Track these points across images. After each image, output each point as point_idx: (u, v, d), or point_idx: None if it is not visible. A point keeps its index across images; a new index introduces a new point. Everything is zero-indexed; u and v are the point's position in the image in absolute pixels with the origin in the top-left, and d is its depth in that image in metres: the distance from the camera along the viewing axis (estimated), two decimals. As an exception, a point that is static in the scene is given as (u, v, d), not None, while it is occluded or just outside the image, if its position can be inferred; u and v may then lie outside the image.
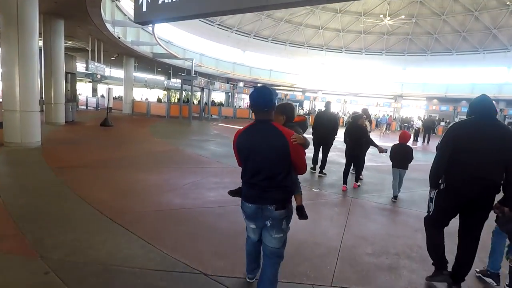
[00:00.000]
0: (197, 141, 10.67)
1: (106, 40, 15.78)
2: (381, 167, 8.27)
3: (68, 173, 5.33)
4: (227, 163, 7.04)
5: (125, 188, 4.75)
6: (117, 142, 9.33)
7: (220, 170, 6.41)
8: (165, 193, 4.65)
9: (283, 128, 2.10)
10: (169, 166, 6.50)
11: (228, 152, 8.54)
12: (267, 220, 2.11)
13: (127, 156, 7.17)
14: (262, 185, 2.07)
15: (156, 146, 8.86)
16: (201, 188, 5.08)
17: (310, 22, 32.93)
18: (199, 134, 13.21)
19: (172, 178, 5.59)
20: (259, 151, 2.07)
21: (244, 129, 2.19)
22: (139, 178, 5.37)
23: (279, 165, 2.07)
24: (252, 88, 32.49)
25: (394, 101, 34.56)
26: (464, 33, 29.71)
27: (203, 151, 8.59)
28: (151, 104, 21.63)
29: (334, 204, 4.85)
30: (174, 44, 24.42)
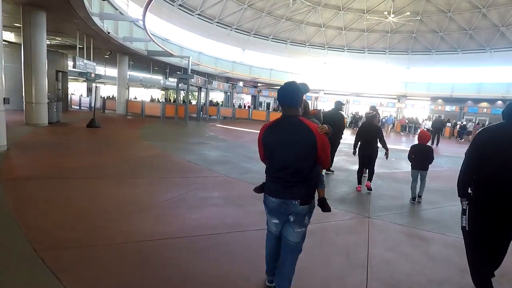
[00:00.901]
0: (189, 144, 9.70)
1: (96, 35, 14.85)
2: (395, 175, 7.29)
3: (21, 186, 4.36)
4: (219, 172, 6.08)
5: (84, 207, 3.76)
6: (99, 146, 8.36)
7: (210, 181, 5.43)
8: (133, 215, 3.66)
9: (310, 123, 2.10)
10: (149, 175, 5.53)
11: (222, 158, 7.59)
12: (290, 215, 2.13)
13: (104, 163, 6.20)
14: (288, 179, 2.08)
15: (141, 151, 7.89)
16: (182, 206, 4.11)
17: (312, 20, 31.99)
18: (193, 136, 12.24)
19: (149, 192, 4.62)
20: (286, 146, 2.09)
21: (271, 124, 2.20)
22: (107, 193, 4.40)
23: (306, 160, 2.08)
24: (252, 88, 31.70)
25: (397, 101, 33.55)
26: (471, 31, 28.73)
27: (194, 156, 7.61)
28: (146, 104, 20.62)
29: (349, 229, 3.86)
30: (170, 42, 23.49)
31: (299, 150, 2.06)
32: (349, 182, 6.16)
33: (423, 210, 4.62)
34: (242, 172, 6.25)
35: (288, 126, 2.11)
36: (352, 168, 7.25)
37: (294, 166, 2.07)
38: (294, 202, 2.08)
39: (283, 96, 2.13)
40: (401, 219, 4.27)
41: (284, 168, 2.09)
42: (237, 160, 7.60)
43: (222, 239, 3.22)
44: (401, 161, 9.38)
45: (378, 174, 6.97)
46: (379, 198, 5.22)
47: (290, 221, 2.14)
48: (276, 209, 2.16)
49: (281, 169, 2.11)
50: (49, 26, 13.37)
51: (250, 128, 17.50)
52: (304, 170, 2.08)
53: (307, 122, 2.09)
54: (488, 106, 28.59)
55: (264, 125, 2.25)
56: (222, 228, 3.46)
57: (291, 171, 2.07)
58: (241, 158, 7.84)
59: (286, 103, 2.13)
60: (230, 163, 7.10)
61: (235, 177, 5.77)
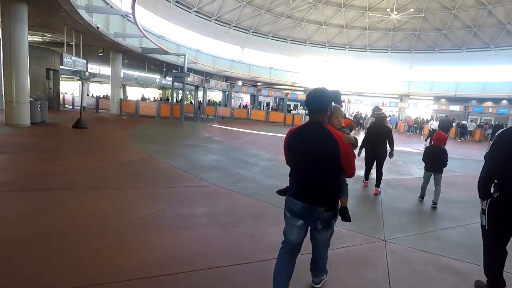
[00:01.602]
0: (180, 147, 8.94)
1: (85, 31, 14.08)
2: (407, 182, 6.51)
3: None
4: (208, 180, 5.31)
5: (25, 231, 2.99)
6: (79, 149, 7.59)
7: (195, 192, 4.66)
8: (88, 242, 2.86)
9: (334, 130, 2.10)
10: (126, 185, 4.76)
11: (214, 163, 6.82)
12: (316, 221, 2.13)
13: (77, 169, 5.44)
14: (311, 184, 2.10)
15: (125, 155, 7.14)
16: (156, 227, 3.35)
17: (312, 18, 31.25)
18: (186, 137, 11.48)
19: (119, 207, 3.86)
20: (309, 152, 2.09)
21: (296, 129, 2.21)
22: (66, 209, 3.63)
23: (329, 167, 2.08)
24: (251, 87, 30.93)
25: (400, 101, 32.78)
26: (476, 29, 27.98)
27: (183, 161, 6.85)
28: (140, 103, 19.85)
29: (362, 258, 3.08)
30: (166, 39, 22.72)
31: (322, 157, 2.06)
32: (356, 192, 5.41)
33: (448, 230, 3.84)
34: (234, 180, 5.49)
35: (312, 133, 2.10)
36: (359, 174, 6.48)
37: (318, 173, 2.08)
38: (319, 208, 2.08)
39: (309, 101, 2.13)
40: (424, 242, 3.49)
41: (308, 174, 2.11)
42: (230, 165, 6.84)
43: (203, 279, 2.45)
44: (410, 165, 8.63)
45: (388, 181, 6.22)
46: (394, 212, 4.45)
47: (318, 229, 2.18)
48: (301, 213, 2.14)
49: (303, 175, 2.13)
50: (33, 20, 12.65)
51: (248, 128, 16.75)
52: (327, 177, 2.08)
53: (332, 130, 2.08)
54: (493, 105, 27.85)
55: (289, 130, 2.26)
56: (203, 261, 2.69)
57: (315, 177, 2.09)
58: (236, 163, 7.07)
59: (312, 108, 2.14)
60: (222, 169, 6.34)
61: (225, 187, 5.00)
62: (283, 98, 29.73)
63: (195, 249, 2.91)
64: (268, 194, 4.77)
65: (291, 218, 2.20)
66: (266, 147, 10.13)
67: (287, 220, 2.24)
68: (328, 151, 2.03)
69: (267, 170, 6.58)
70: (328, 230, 2.27)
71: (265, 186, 5.26)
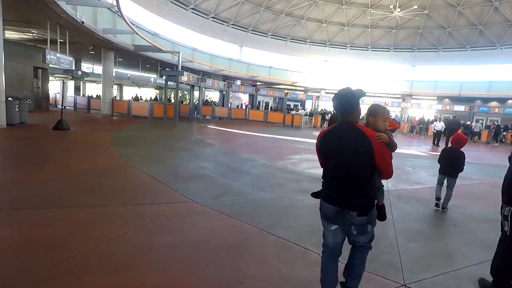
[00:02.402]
0: (166, 150, 8.09)
1: (71, 26, 13.24)
2: (420, 193, 5.63)
3: None
4: (186, 194, 4.45)
5: None
6: (49, 154, 6.75)
7: (166, 211, 3.79)
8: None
9: (366, 130, 2.04)
10: (80, 202, 3.87)
11: (199, 170, 5.97)
12: (349, 225, 2.05)
13: (30, 180, 4.59)
14: (343, 187, 2.03)
15: (98, 161, 6.29)
16: (98, 268, 2.49)
17: (313, 16, 30.41)
18: (175, 140, 10.63)
19: (56, 235, 2.98)
20: (342, 153, 2.04)
21: (328, 130, 2.17)
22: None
23: (362, 169, 2.01)
24: (250, 87, 30.07)
25: (402, 101, 31.89)
26: (481, 26, 27.09)
27: (163, 168, 6.00)
28: (133, 103, 19.00)
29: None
30: (161, 36, 21.87)
31: (355, 158, 2.00)
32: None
33: (484, 264, 2.97)
34: (217, 194, 4.63)
35: (344, 133, 2.05)
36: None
37: (350, 175, 2.02)
38: (351, 213, 2.00)
39: (338, 102, 2.09)
40: (459, 286, 2.63)
41: (339, 177, 2.05)
42: (217, 173, 5.99)
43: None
44: (420, 172, 7.77)
45: (398, 192, 5.37)
46: (410, 238, 3.57)
47: (353, 234, 2.09)
48: (333, 217, 2.09)
49: (336, 177, 2.07)
50: (13, 14, 11.87)
51: (244, 130, 15.90)
52: (360, 179, 2.00)
53: (365, 130, 2.03)
54: (498, 105, 26.97)
55: (321, 132, 2.22)
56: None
57: (346, 180, 2.03)
58: (223, 170, 6.22)
59: (341, 109, 2.08)
60: (207, 179, 5.48)
61: (204, 203, 4.14)
62: (282, 98, 28.85)
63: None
64: (256, 212, 3.93)
65: (326, 223, 2.17)
66: (261, 151, 9.28)
67: (323, 224, 2.21)
68: (361, 151, 1.98)
69: (259, 179, 5.72)
70: (366, 235, 2.12)
71: (253, 202, 4.40)
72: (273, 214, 3.92)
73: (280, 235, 3.28)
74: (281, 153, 9.18)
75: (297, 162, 7.86)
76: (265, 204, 4.31)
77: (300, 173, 6.53)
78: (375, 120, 2.27)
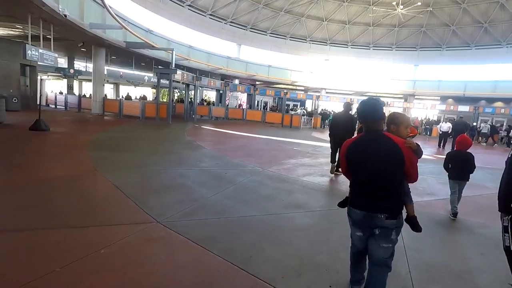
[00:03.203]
0: (147, 155, 7.30)
1: (57, 21, 12.46)
2: (435, 208, 4.81)
3: None
4: (150, 211, 3.65)
5: None
6: (11, 158, 5.96)
7: (119, 236, 2.97)
8: None
9: (394, 137, 2.13)
10: (11, 224, 3.10)
11: (176, 178, 5.19)
12: (375, 228, 2.09)
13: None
14: (376, 194, 2.08)
15: (64, 167, 5.51)
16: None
17: (313, 13, 29.63)
18: (163, 142, 9.86)
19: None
20: (373, 160, 2.09)
21: (355, 140, 2.24)
22: None
23: (393, 174, 2.08)
24: (248, 86, 29.25)
25: (405, 101, 31.05)
26: (486, 24, 26.27)
27: (135, 177, 5.21)
28: (124, 103, 18.21)
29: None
30: (155, 33, 21.06)
31: (387, 165, 2.07)
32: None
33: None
34: (189, 211, 3.82)
35: (373, 141, 2.13)
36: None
37: (382, 181, 2.08)
38: (380, 215, 2.06)
39: (366, 111, 2.17)
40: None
41: (371, 183, 2.10)
42: (198, 182, 5.20)
43: None
44: (429, 179, 6.96)
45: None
46: (429, 276, 2.74)
47: (376, 235, 2.10)
48: (361, 222, 2.15)
49: (368, 184, 2.12)
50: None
51: (240, 130, 15.11)
52: (391, 185, 2.08)
53: (392, 136, 2.12)
54: (504, 106, 26.14)
55: (347, 141, 2.27)
56: None
57: (378, 186, 2.08)
58: (205, 179, 5.43)
59: (369, 118, 2.16)
60: (183, 190, 4.69)
61: (170, 225, 3.32)
62: (282, 98, 28.01)
63: None
64: (231, 237, 3.14)
65: (353, 227, 2.25)
66: (253, 155, 8.49)
67: (350, 226, 2.29)
68: (393, 158, 2.05)
69: (244, 190, 4.92)
70: (387, 244, 2.09)
71: (231, 221, 3.60)
72: (254, 241, 3.12)
73: (258, 274, 2.49)
74: (275, 157, 8.37)
75: (292, 167, 7.06)
76: (245, 224, 3.52)
77: (293, 182, 5.74)
78: (397, 127, 2.36)
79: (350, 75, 31.63)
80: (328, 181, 6.13)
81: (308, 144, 11.96)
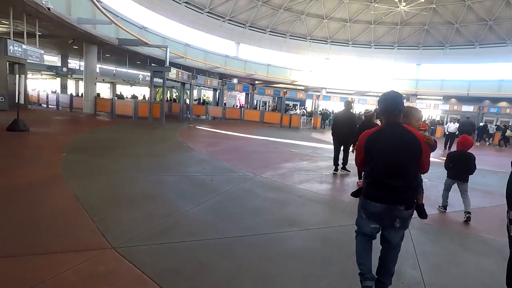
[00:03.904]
0: (128, 157, 6.61)
1: (42, 16, 11.79)
2: (452, 224, 4.12)
3: None
4: (111, 231, 2.95)
5: None
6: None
7: (53, 271, 2.27)
8: None
9: (414, 131, 2.18)
10: None
11: (153, 187, 4.49)
12: (394, 220, 2.15)
13: None
14: (395, 185, 2.12)
15: (27, 173, 4.82)
16: None
17: (313, 11, 28.94)
18: (150, 143, 9.17)
19: None
20: (393, 152, 2.13)
21: (374, 132, 2.24)
22: None
23: (412, 166, 2.15)
24: (246, 85, 28.51)
25: (407, 101, 30.32)
26: (491, 22, 25.55)
27: (104, 185, 4.52)
28: (116, 102, 17.51)
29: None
30: (150, 30, 20.41)
31: (406, 157, 2.12)
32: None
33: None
34: (156, 231, 3.09)
35: (395, 134, 2.15)
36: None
37: (401, 173, 2.12)
38: (399, 207, 2.11)
39: (388, 104, 2.19)
40: None
41: (391, 174, 2.12)
42: (176, 191, 4.50)
43: None
44: (439, 185, 6.24)
45: (420, 224, 3.85)
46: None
47: (396, 226, 2.17)
48: (379, 214, 2.17)
49: (387, 175, 2.13)
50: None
51: (236, 131, 14.42)
52: (409, 176, 2.14)
53: (413, 131, 2.16)
54: (509, 106, 25.48)
55: (365, 133, 2.27)
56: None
57: (398, 177, 2.11)
58: (186, 187, 4.74)
59: (389, 111, 2.19)
60: (156, 201, 4.00)
61: (126, 252, 2.61)
62: (281, 97, 27.32)
63: None
64: (203, 270, 2.43)
65: (366, 220, 2.24)
66: (246, 158, 7.80)
67: (361, 219, 2.29)
68: (412, 150, 2.11)
69: (230, 201, 4.22)
70: (403, 230, 2.24)
71: (207, 246, 2.88)
72: (230, 275, 2.41)
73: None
74: (270, 160, 7.67)
75: (288, 173, 6.35)
76: (223, 249, 2.82)
77: (288, 190, 5.03)
78: (409, 121, 2.55)
79: (351, 74, 31.02)
80: (327, 189, 5.43)
81: (307, 145, 11.26)
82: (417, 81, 29.75)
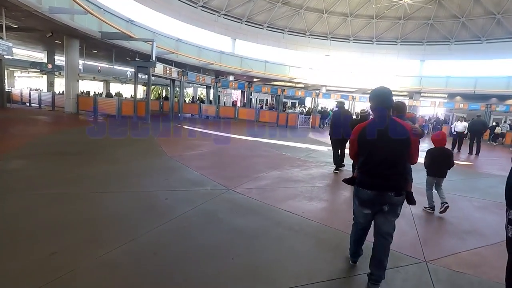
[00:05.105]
0: (78, 165, 5.41)
1: (6, 3, 10.58)
2: (488, 271, 2.90)
3: None
4: None
5: None
6: None
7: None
8: None
9: (404, 123, 2.34)
10: None
11: (84, 212, 3.24)
12: (384, 205, 2.33)
13: None
14: (386, 173, 2.29)
15: None
16: None
17: (312, 5, 27.76)
18: (116, 146, 7.94)
19: None
20: (385, 143, 2.29)
21: (367, 124, 2.40)
22: None
23: (401, 155, 2.32)
24: (242, 82, 27.27)
25: (410, 98, 29.04)
26: (499, 15, 24.27)
27: (15, 208, 3.32)
28: (99, 100, 16.31)
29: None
30: (137, 24, 19.13)
31: (398, 147, 2.27)
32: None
33: None
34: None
35: (386, 126, 2.29)
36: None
37: (392, 161, 2.28)
38: (389, 193, 2.28)
39: (379, 98, 2.34)
40: None
41: (382, 163, 2.29)
42: (109, 216, 3.30)
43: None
44: (459, 201, 5.05)
45: (444, 264, 2.61)
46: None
47: (385, 211, 2.34)
48: (371, 201, 2.34)
49: (379, 164, 2.30)
50: None
51: (225, 131, 13.23)
52: (399, 165, 2.31)
53: (402, 122, 2.32)
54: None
55: (358, 126, 2.43)
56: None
57: (388, 166, 2.28)
58: (128, 209, 3.53)
59: (381, 104, 2.33)
60: (68, 235, 2.79)
61: None
62: (279, 95, 26.09)
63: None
64: None
65: (360, 207, 2.44)
66: (226, 164, 6.58)
67: (356, 206, 2.50)
68: (401, 141, 2.26)
69: (176, 235, 2.98)
70: (394, 217, 2.36)
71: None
72: None
73: None
74: (253, 167, 6.42)
75: (271, 185, 5.11)
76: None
77: (265, 213, 3.79)
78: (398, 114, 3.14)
79: (352, 71, 29.85)
80: (317, 210, 4.18)
81: (302, 147, 10.03)
82: (421, 78, 28.49)
